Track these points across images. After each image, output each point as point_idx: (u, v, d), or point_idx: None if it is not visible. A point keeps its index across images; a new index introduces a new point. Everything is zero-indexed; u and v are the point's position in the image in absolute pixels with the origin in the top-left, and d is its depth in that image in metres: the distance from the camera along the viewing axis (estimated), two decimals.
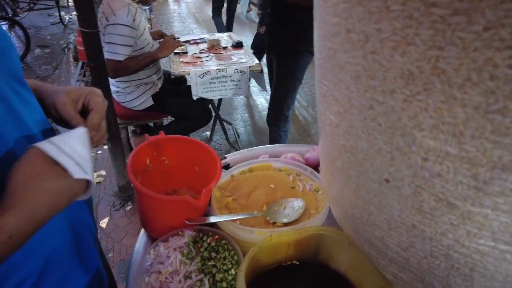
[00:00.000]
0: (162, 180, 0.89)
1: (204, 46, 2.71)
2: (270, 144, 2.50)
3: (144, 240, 0.82)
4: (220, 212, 0.78)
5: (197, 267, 0.69)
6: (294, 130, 3.28)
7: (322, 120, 0.54)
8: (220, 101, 2.81)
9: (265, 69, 2.48)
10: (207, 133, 3.00)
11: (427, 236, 0.46)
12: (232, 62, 2.43)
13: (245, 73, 2.34)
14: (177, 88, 2.54)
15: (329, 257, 0.75)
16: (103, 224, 2.19)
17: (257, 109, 3.67)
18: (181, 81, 2.66)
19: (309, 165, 0.98)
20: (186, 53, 2.57)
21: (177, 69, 2.30)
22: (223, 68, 2.29)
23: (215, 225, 0.77)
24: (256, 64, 2.39)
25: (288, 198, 0.82)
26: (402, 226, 0.48)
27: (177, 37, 2.64)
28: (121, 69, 2.03)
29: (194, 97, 2.34)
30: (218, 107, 2.75)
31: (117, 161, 2.18)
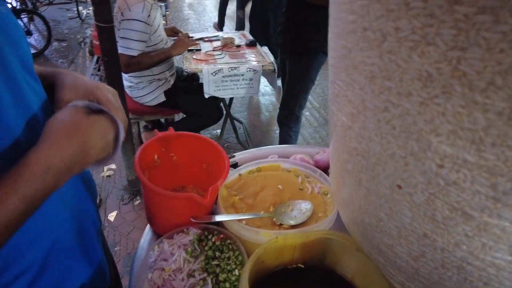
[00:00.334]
0: (170, 176, 0.88)
1: (218, 44, 2.71)
2: (280, 144, 2.49)
3: (149, 236, 0.82)
4: (226, 211, 0.77)
5: (201, 266, 0.68)
6: (305, 131, 3.26)
7: (333, 121, 0.52)
8: (231, 100, 2.80)
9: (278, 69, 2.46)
10: (218, 131, 3.00)
11: (439, 246, 0.44)
12: (245, 60, 2.42)
13: (257, 72, 2.33)
14: (189, 85, 2.55)
15: (336, 262, 0.73)
16: (111, 217, 2.21)
17: (269, 109, 3.65)
18: (194, 79, 2.66)
19: (319, 167, 0.96)
20: (199, 50, 2.57)
21: (189, 66, 2.30)
22: (235, 67, 2.29)
23: (220, 224, 0.76)
24: (269, 63, 2.38)
25: (295, 200, 0.81)
26: (413, 234, 0.46)
27: (191, 35, 2.65)
28: (134, 64, 2.05)
29: (206, 95, 2.34)
30: (230, 105, 2.75)
31: (127, 155, 2.20)
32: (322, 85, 4.15)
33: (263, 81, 2.58)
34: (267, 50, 2.63)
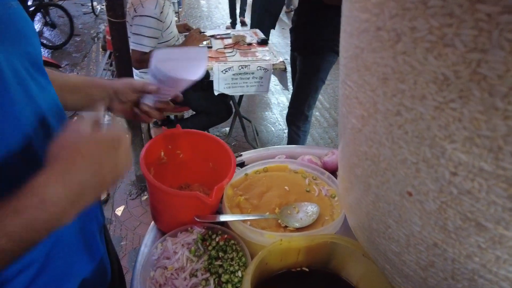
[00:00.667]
0: (176, 174, 0.88)
1: (229, 41, 2.70)
2: (288, 144, 2.47)
3: (153, 233, 0.81)
4: (231, 211, 0.76)
5: (204, 266, 0.67)
6: (315, 132, 3.23)
7: (343, 123, 0.51)
8: (241, 98, 2.79)
9: (288, 68, 2.44)
10: (226, 129, 3.00)
11: (449, 257, 0.42)
12: (256, 59, 2.41)
13: (268, 70, 2.31)
14: (199, 82, 2.54)
15: (341, 266, 0.72)
16: (118, 211, 2.22)
17: (278, 108, 3.63)
18: (204, 76, 2.66)
19: (327, 169, 0.95)
20: (210, 47, 2.57)
21: None
22: (246, 65, 2.28)
23: (225, 224, 0.76)
24: (280, 62, 2.36)
25: (302, 202, 0.79)
26: (422, 243, 0.45)
27: (203, 31, 2.64)
28: (145, 61, 2.05)
29: (216, 93, 2.33)
30: (239, 103, 2.74)
31: (136, 150, 2.21)
32: (333, 85, 4.11)
33: (273, 79, 2.56)
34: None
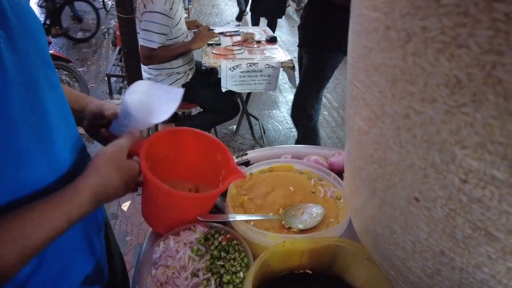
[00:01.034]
0: (169, 171, 0.83)
1: (238, 38, 2.69)
2: (299, 142, 2.45)
3: (155, 232, 0.81)
4: (234, 211, 0.75)
5: (206, 265, 0.67)
6: (322, 131, 3.20)
7: (350, 125, 0.49)
8: (248, 96, 2.78)
9: (297, 66, 2.42)
10: (233, 127, 2.99)
11: (457, 266, 0.41)
12: (264, 56, 2.39)
13: (276, 68, 2.30)
14: (207, 79, 2.54)
15: (345, 270, 0.70)
16: (124, 207, 2.23)
17: (286, 106, 3.61)
18: (212, 73, 2.65)
19: (333, 170, 0.93)
20: (219, 44, 2.56)
21: (208, 61, 2.29)
22: (254, 63, 2.26)
23: (228, 224, 0.75)
24: (288, 60, 2.34)
25: (307, 203, 0.78)
26: (429, 250, 0.43)
27: (212, 28, 2.63)
28: (154, 57, 2.05)
29: (223, 90, 2.32)
30: (246, 101, 2.73)
31: None
32: (342, 84, 4.07)
33: (282, 77, 2.54)
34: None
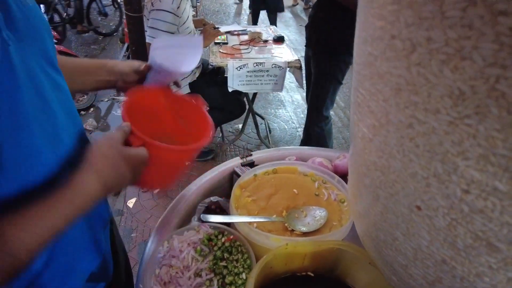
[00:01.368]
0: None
1: (245, 38, 2.69)
2: (316, 145, 2.44)
3: (159, 230, 0.82)
4: (237, 212, 0.76)
5: (209, 266, 0.67)
6: None
7: (354, 131, 0.50)
8: (255, 95, 2.78)
9: (303, 65, 2.41)
10: (239, 126, 3.00)
11: (458, 274, 0.41)
12: (271, 56, 2.39)
13: (283, 68, 2.29)
14: (214, 78, 2.55)
15: (347, 273, 0.71)
16: (130, 203, 2.26)
17: (292, 106, 3.61)
18: (218, 72, 2.66)
19: (337, 172, 0.93)
20: (226, 43, 2.57)
21: (215, 60, 2.30)
22: (261, 62, 2.26)
23: (231, 225, 0.75)
24: (296, 60, 2.33)
25: (310, 206, 0.78)
26: (430, 258, 0.43)
27: (218, 26, 2.64)
28: None
29: (230, 89, 2.33)
30: (253, 100, 2.73)
31: None
32: (349, 85, 4.04)
33: (288, 77, 2.54)
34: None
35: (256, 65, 2.26)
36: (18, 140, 0.47)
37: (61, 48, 3.18)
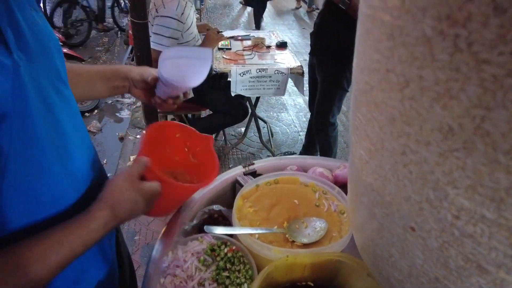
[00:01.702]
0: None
1: (248, 43, 2.71)
2: (322, 151, 2.45)
3: (164, 240, 0.84)
4: (240, 223, 0.78)
5: (212, 276, 0.70)
6: None
7: (352, 151, 0.52)
8: (257, 99, 2.81)
9: (306, 71, 2.43)
10: (242, 129, 3.02)
11: None
12: (274, 62, 2.41)
13: (285, 74, 2.32)
14: (217, 82, 2.57)
15: (346, 283, 0.72)
16: None
17: (294, 110, 3.63)
18: (222, 77, 2.68)
19: (338, 182, 0.95)
20: (229, 49, 2.59)
21: (219, 66, 2.32)
22: (263, 68, 2.29)
23: (234, 235, 0.77)
24: (298, 66, 2.35)
25: (311, 217, 0.80)
26: (424, 276, 0.45)
27: (220, 31, 2.66)
28: None
29: (233, 94, 2.36)
30: (255, 104, 2.76)
31: None
32: (351, 88, 4.06)
33: (291, 81, 2.56)
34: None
35: (259, 71, 2.28)
36: (29, 158, 0.50)
37: (64, 50, 3.22)
